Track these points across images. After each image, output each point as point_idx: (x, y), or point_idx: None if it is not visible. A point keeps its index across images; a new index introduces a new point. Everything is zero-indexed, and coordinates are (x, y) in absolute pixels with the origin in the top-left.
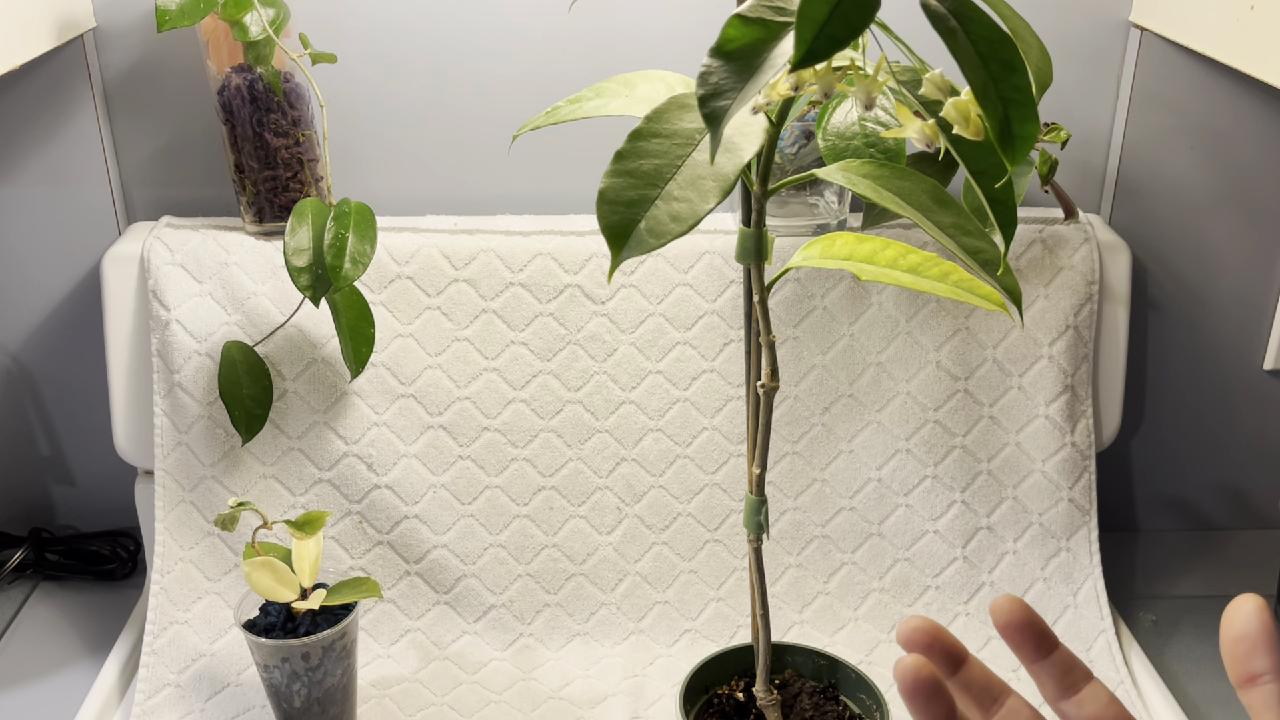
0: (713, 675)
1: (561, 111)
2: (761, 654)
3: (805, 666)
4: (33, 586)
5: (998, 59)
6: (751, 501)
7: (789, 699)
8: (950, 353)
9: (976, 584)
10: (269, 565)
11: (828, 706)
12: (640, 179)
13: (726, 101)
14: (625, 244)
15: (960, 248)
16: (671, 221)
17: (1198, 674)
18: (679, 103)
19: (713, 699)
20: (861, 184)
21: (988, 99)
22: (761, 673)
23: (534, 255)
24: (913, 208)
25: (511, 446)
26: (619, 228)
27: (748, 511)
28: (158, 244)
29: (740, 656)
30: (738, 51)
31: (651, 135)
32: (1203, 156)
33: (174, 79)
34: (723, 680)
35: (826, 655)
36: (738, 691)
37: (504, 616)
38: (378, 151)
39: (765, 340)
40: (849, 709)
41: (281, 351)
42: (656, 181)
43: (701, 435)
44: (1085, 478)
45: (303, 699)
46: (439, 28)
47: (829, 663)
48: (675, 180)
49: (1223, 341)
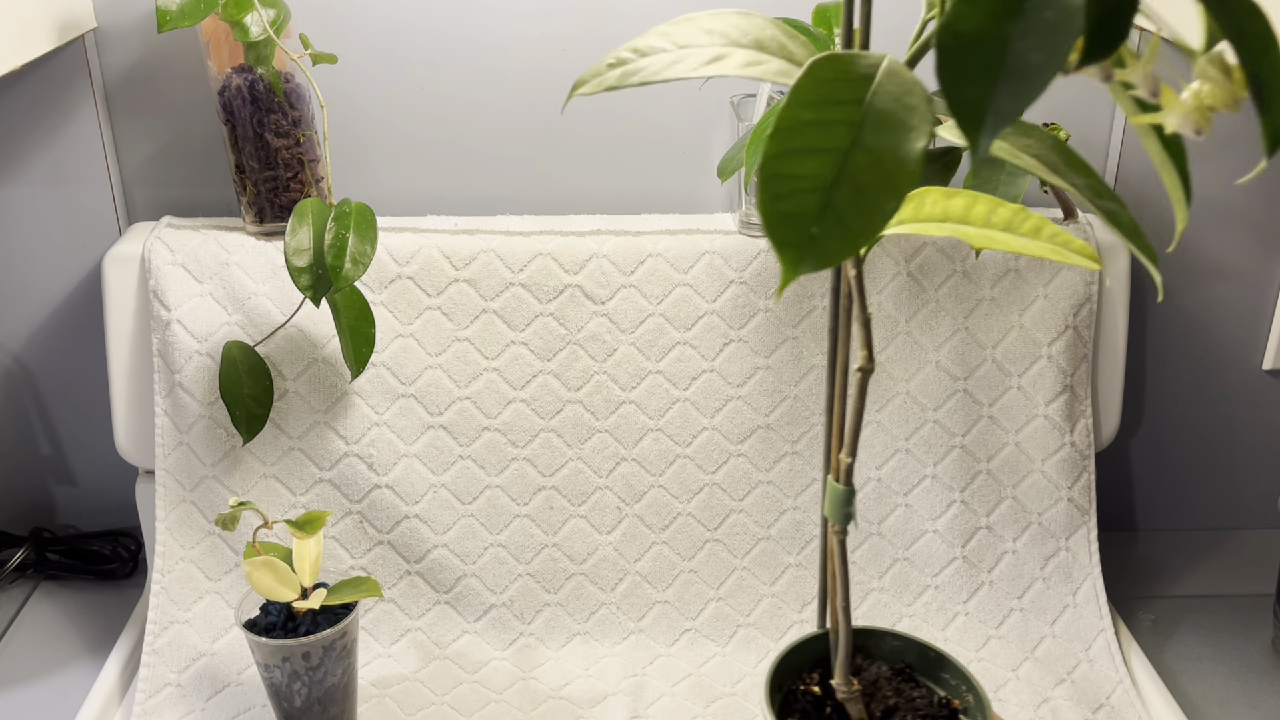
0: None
1: (632, 70)
2: (842, 646)
3: (878, 649)
4: (33, 586)
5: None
6: (841, 492)
7: (867, 686)
8: (950, 353)
9: (976, 584)
10: (269, 565)
11: (909, 690)
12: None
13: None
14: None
15: (1098, 210)
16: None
17: (1197, 674)
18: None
19: (789, 695)
20: (1000, 146)
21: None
22: (841, 665)
23: (534, 255)
24: (1046, 167)
25: (512, 446)
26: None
27: (836, 502)
28: (158, 244)
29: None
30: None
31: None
32: (1203, 156)
33: (175, 79)
34: (794, 674)
35: (900, 635)
36: (813, 685)
37: (504, 616)
38: (378, 151)
39: (861, 317)
40: (934, 692)
41: (282, 351)
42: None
43: (701, 435)
44: (1084, 477)
45: (303, 698)
46: (439, 28)
47: (904, 643)
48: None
49: (1223, 341)
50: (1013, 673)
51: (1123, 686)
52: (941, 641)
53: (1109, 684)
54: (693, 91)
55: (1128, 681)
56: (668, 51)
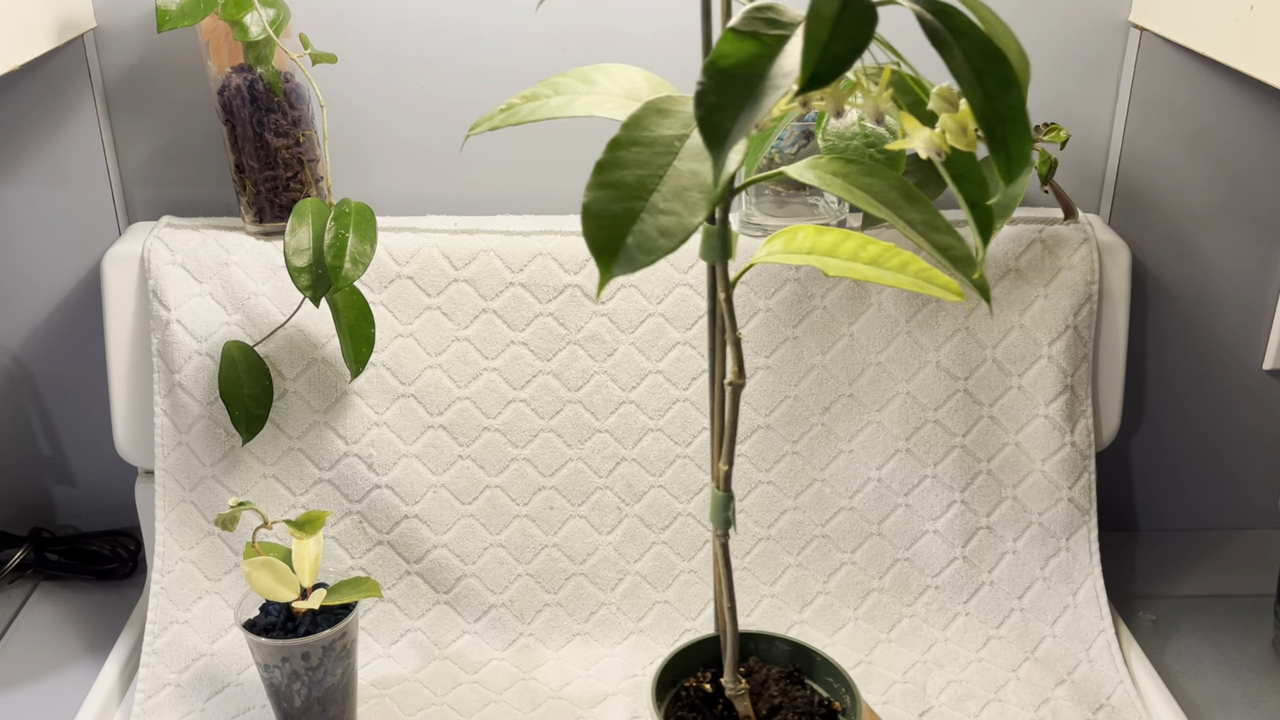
0: (679, 669)
1: (521, 111)
2: (729, 645)
3: (770, 653)
4: (33, 586)
5: (994, 76)
6: (720, 497)
7: (756, 686)
8: (950, 353)
9: (976, 584)
10: (269, 565)
11: (795, 691)
12: (624, 191)
13: (728, 124)
14: (615, 260)
15: (931, 245)
16: (661, 236)
17: (1197, 674)
18: (656, 108)
19: (680, 692)
20: (834, 182)
21: (983, 117)
22: (729, 663)
23: (534, 255)
24: (883, 205)
25: (511, 446)
26: (606, 243)
27: (715, 507)
28: (158, 244)
29: (704, 649)
30: (733, 69)
31: (631, 144)
32: (1202, 156)
33: (174, 79)
34: (689, 673)
35: (790, 640)
36: (705, 683)
37: (504, 616)
38: (378, 151)
39: (731, 337)
40: (817, 693)
41: (282, 351)
42: (640, 194)
43: (701, 435)
44: (1085, 477)
45: (303, 699)
46: (439, 28)
47: (794, 648)
48: (659, 192)
49: (1223, 341)
50: (1013, 673)
51: (1123, 687)
52: (942, 642)
53: (1109, 684)
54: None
55: (1128, 682)
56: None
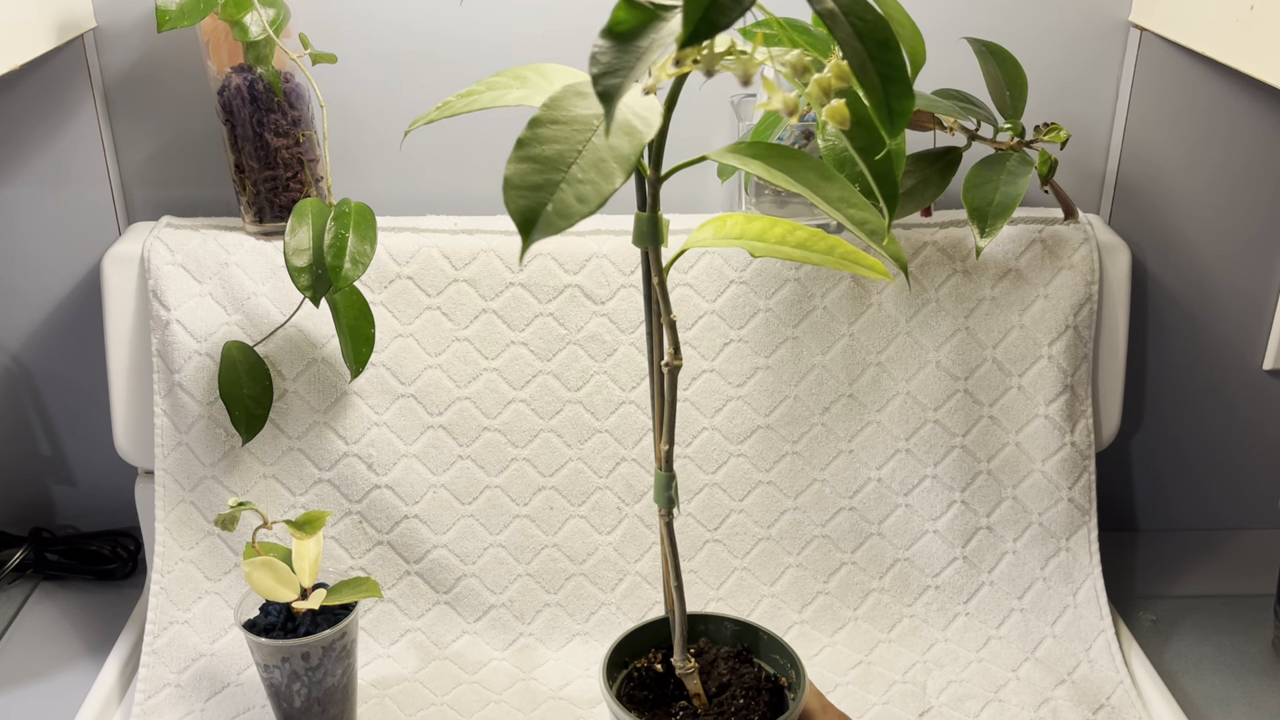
0: (630, 650)
1: (454, 105)
2: (678, 625)
3: (719, 634)
4: (33, 586)
5: (874, 38)
6: (661, 477)
7: (705, 665)
8: (950, 352)
9: (976, 584)
10: (269, 565)
11: (743, 669)
12: (543, 164)
13: (618, 80)
14: (535, 227)
15: (847, 219)
16: (578, 203)
17: (1197, 674)
18: (575, 90)
19: (632, 672)
20: (754, 165)
21: (865, 75)
22: (679, 643)
23: (534, 255)
24: (801, 184)
25: (511, 446)
26: (527, 212)
27: (657, 487)
28: (158, 244)
29: (655, 630)
30: (626, 33)
31: (551, 122)
32: (1202, 156)
33: (174, 79)
34: (640, 654)
35: (739, 620)
36: (656, 663)
37: (504, 616)
38: (378, 151)
39: (666, 320)
40: (764, 669)
41: (282, 351)
42: (559, 166)
43: (701, 435)
44: (1085, 477)
45: (303, 699)
46: (439, 28)
47: (741, 628)
48: (578, 164)
49: (1223, 341)
50: (1013, 673)
51: (1123, 687)
52: (942, 642)
53: (1109, 684)
54: (693, 92)
55: (1128, 682)
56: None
